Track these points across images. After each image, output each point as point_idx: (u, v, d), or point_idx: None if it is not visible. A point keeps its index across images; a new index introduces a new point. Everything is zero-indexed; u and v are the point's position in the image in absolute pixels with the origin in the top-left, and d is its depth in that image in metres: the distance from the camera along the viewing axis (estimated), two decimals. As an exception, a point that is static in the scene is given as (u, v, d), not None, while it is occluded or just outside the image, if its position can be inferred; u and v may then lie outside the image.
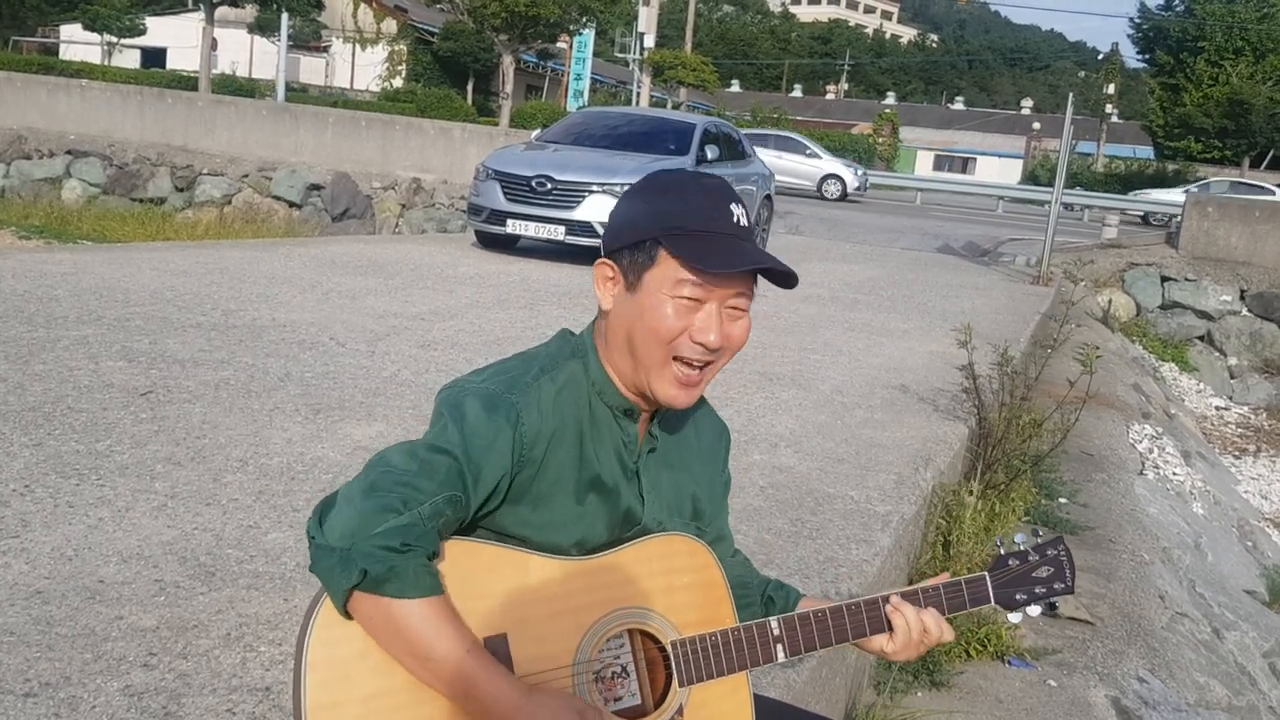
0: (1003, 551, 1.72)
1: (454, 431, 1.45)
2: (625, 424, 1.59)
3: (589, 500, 1.55)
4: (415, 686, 1.37)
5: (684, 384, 1.55)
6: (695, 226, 1.51)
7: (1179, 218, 18.38)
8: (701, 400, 1.76)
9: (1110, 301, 15.76)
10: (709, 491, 1.73)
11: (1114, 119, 55.92)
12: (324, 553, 1.35)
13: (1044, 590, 1.70)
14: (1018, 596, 1.70)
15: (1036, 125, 59.16)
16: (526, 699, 1.37)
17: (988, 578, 1.69)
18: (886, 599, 1.65)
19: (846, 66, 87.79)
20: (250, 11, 35.74)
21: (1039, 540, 1.73)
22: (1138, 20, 42.87)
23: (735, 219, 1.53)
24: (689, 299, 1.51)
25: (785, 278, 1.55)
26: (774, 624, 1.59)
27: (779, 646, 1.59)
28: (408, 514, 1.36)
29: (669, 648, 1.53)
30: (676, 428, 1.69)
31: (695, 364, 1.54)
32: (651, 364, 1.53)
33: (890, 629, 1.65)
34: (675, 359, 1.53)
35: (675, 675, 1.53)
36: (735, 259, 1.50)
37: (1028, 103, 76.54)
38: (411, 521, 1.36)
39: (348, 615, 1.37)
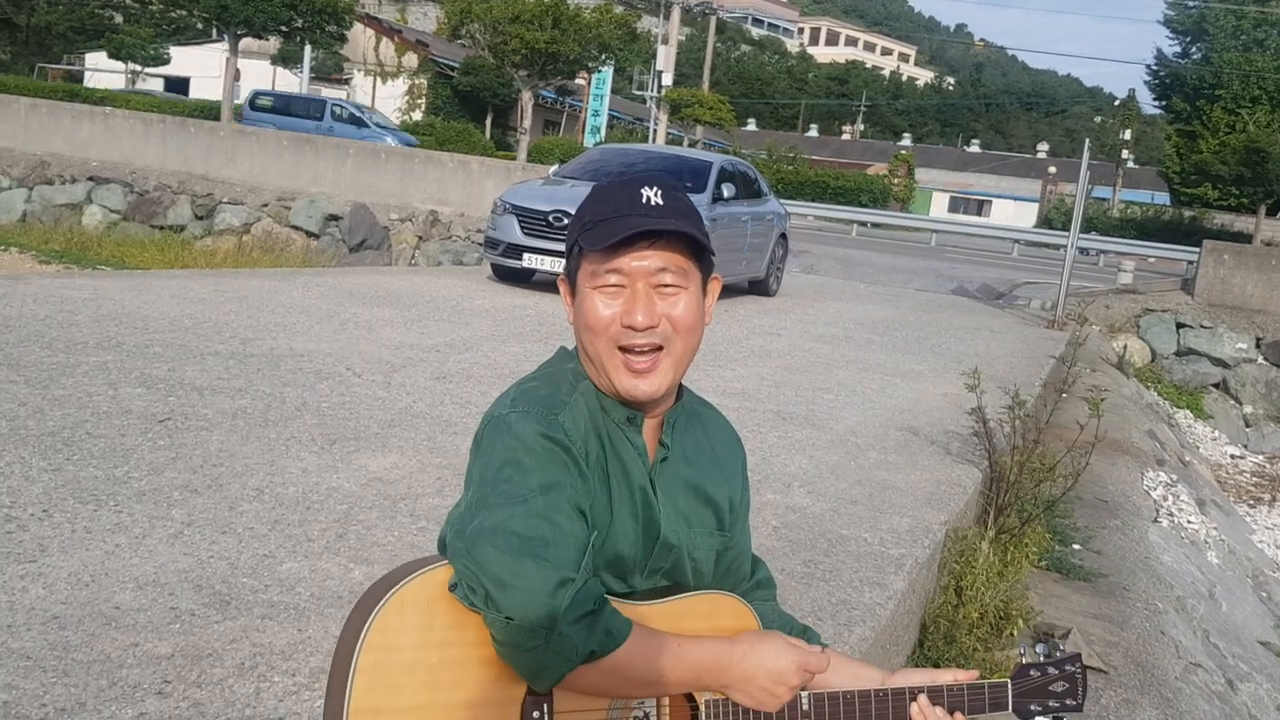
0: (1024, 660, 1.75)
1: (540, 471, 1.44)
2: (632, 435, 1.57)
3: (621, 513, 1.54)
4: (455, 707, 1.40)
5: (636, 371, 1.52)
6: (603, 216, 1.51)
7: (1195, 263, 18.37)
8: (712, 410, 1.77)
9: (1125, 347, 15.72)
10: (728, 502, 1.71)
11: (1130, 164, 56.01)
12: (529, 634, 1.34)
13: (1057, 704, 1.74)
14: (1032, 707, 1.73)
15: (1052, 169, 59.25)
16: (744, 648, 1.49)
17: (1010, 686, 1.71)
18: (914, 694, 1.63)
19: (863, 107, 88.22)
20: (274, 43, 36.15)
21: (1060, 654, 1.76)
22: (1155, 67, 42.98)
23: (645, 200, 1.51)
24: (612, 286, 1.51)
25: (699, 245, 1.53)
26: (804, 699, 1.57)
27: None
28: (579, 576, 1.38)
29: (702, 706, 1.52)
30: (688, 434, 1.67)
31: (639, 349, 1.51)
32: (601, 359, 1.53)
33: None
34: (621, 349, 1.52)
35: None
36: (622, 230, 1.48)
37: (1044, 147, 76.81)
38: (585, 578, 1.39)
39: (548, 690, 1.40)
